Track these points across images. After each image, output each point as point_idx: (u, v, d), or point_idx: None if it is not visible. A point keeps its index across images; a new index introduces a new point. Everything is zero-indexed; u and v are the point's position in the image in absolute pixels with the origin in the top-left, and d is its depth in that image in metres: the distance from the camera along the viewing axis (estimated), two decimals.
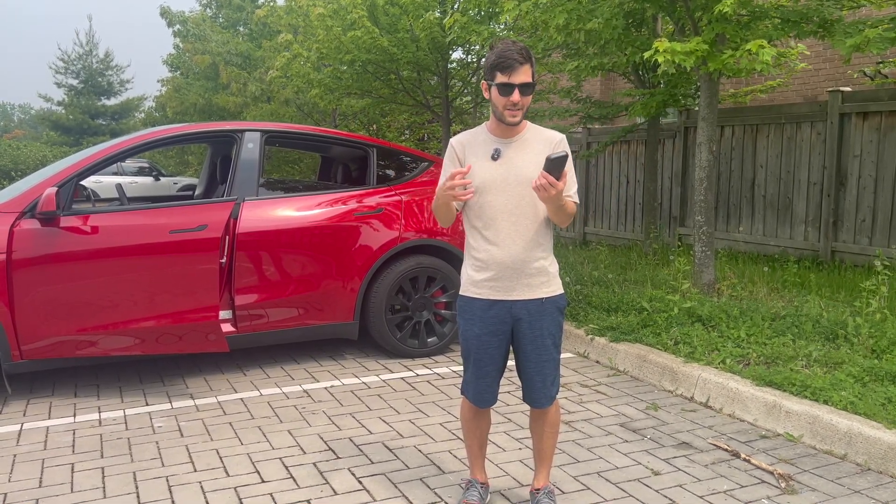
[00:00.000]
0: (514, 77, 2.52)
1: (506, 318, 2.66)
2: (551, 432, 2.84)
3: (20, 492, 3.10)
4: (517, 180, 2.61)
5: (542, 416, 2.82)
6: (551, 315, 2.69)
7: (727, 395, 4.04)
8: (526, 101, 2.57)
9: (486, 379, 2.73)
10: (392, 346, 5.08)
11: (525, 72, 2.53)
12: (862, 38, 4.81)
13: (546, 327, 2.68)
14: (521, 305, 2.65)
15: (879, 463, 3.27)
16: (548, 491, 2.88)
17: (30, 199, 4.18)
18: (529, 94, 2.57)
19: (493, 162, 2.64)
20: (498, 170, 2.63)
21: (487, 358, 2.70)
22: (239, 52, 17.71)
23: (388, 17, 9.41)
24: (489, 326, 2.67)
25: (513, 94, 2.53)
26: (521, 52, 2.52)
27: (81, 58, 32.77)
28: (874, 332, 4.52)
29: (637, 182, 9.97)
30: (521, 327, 2.68)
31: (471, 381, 2.76)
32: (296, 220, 4.79)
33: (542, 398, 2.74)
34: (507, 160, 2.64)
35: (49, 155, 23.89)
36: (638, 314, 5.35)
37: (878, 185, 7.07)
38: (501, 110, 2.58)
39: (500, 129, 2.66)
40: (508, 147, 2.66)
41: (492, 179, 2.62)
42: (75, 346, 4.18)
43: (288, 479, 3.21)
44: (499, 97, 2.56)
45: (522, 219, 2.62)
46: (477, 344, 2.69)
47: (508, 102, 2.54)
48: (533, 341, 2.68)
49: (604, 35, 5.86)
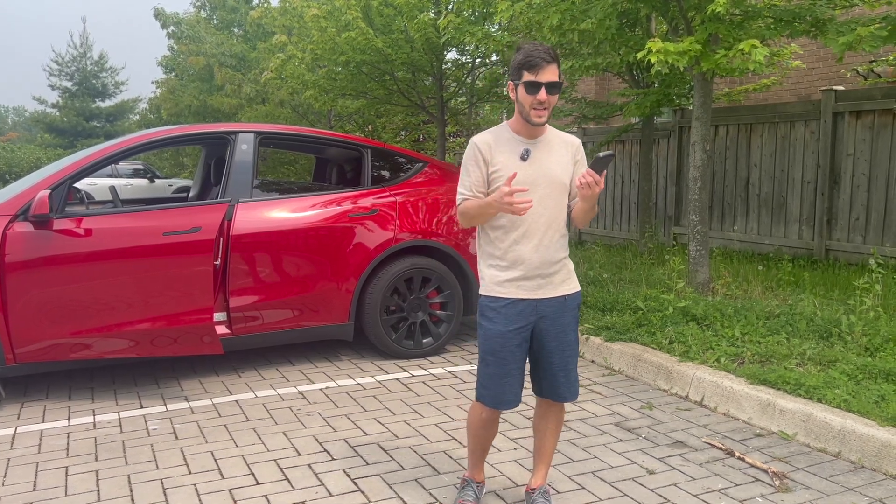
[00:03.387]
0: (541, 76, 2.53)
1: (531, 316, 2.68)
2: (556, 430, 2.88)
3: (14, 496, 3.09)
4: (546, 180, 2.65)
5: (555, 412, 2.85)
6: (572, 311, 2.76)
7: (722, 394, 4.05)
8: (552, 100, 2.58)
9: (509, 378, 2.69)
10: (387, 347, 5.08)
11: (552, 71, 2.54)
12: (854, 37, 4.83)
13: (568, 323, 2.74)
14: (546, 303, 2.69)
15: (873, 460, 3.28)
16: (543, 491, 2.89)
17: (23, 201, 4.17)
18: (556, 93, 2.58)
19: (522, 162, 2.64)
20: (528, 170, 2.64)
21: (511, 357, 2.68)
22: (233, 54, 17.70)
23: (382, 18, 9.41)
24: (514, 324, 2.66)
25: (539, 93, 2.54)
26: (547, 52, 2.54)
27: (75, 60, 32.72)
28: (868, 330, 4.54)
29: (632, 181, 9.99)
30: (545, 324, 2.70)
31: (490, 383, 2.71)
32: (290, 221, 4.79)
33: (567, 392, 2.78)
34: (535, 160, 2.66)
35: (43, 157, 23.85)
36: (633, 313, 5.36)
37: (871, 183, 7.09)
38: (528, 109, 2.58)
39: (526, 130, 2.67)
40: (535, 148, 2.67)
41: (522, 180, 2.61)
42: (69, 349, 4.17)
43: (283, 480, 3.21)
44: (526, 96, 2.56)
45: (550, 219, 2.67)
46: (501, 342, 2.67)
47: (535, 101, 2.55)
48: (557, 337, 2.72)
49: (597, 35, 5.87)
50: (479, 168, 2.66)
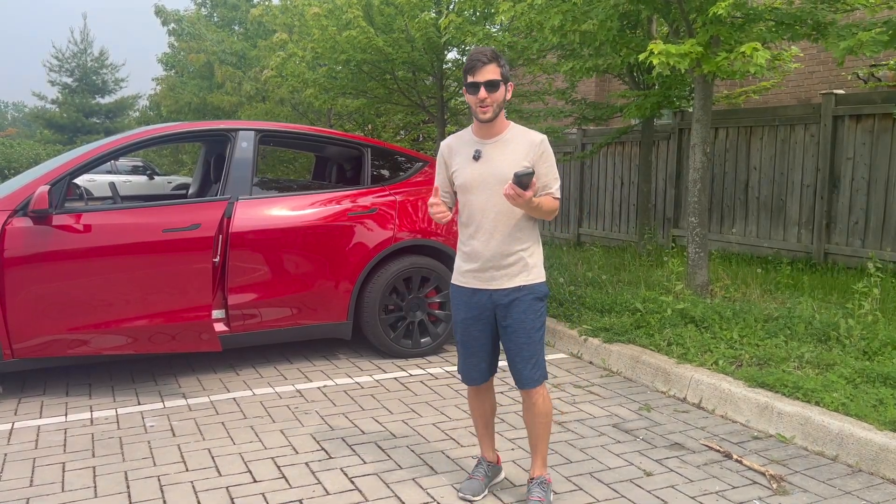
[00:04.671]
0: (479, 76, 2.72)
1: (487, 305, 2.88)
2: (542, 422, 2.94)
3: (11, 491, 3.09)
4: (495, 179, 2.79)
5: (531, 405, 2.93)
6: (528, 302, 2.85)
7: (720, 396, 4.05)
8: (494, 97, 2.75)
9: (472, 359, 2.97)
10: (385, 347, 5.08)
11: (490, 70, 2.72)
12: (855, 41, 4.83)
13: (524, 312, 2.84)
14: (500, 294, 2.85)
15: (870, 464, 3.28)
16: (540, 481, 2.95)
17: (22, 197, 4.16)
18: (495, 90, 2.74)
19: (475, 162, 2.84)
20: (479, 169, 2.83)
21: (471, 340, 2.95)
22: (234, 52, 17.68)
23: (383, 18, 9.40)
24: (472, 312, 2.91)
25: (479, 92, 2.73)
26: (485, 54, 2.74)
27: (76, 56, 32.64)
28: (866, 333, 4.54)
29: (631, 183, 9.99)
30: (500, 313, 2.88)
31: (461, 361, 3.02)
32: (290, 219, 4.78)
33: (522, 379, 2.90)
34: (486, 160, 2.83)
35: (42, 153, 23.81)
36: (631, 315, 5.36)
37: (870, 187, 7.10)
38: (474, 108, 2.78)
39: (480, 130, 2.87)
40: (488, 147, 2.84)
41: (472, 179, 2.83)
42: (67, 345, 4.16)
43: (280, 478, 3.21)
44: (469, 97, 2.78)
45: (500, 215, 2.81)
46: (462, 328, 2.96)
47: (476, 100, 2.75)
48: (510, 325, 2.86)
49: (599, 36, 5.87)
50: (443, 171, 2.96)
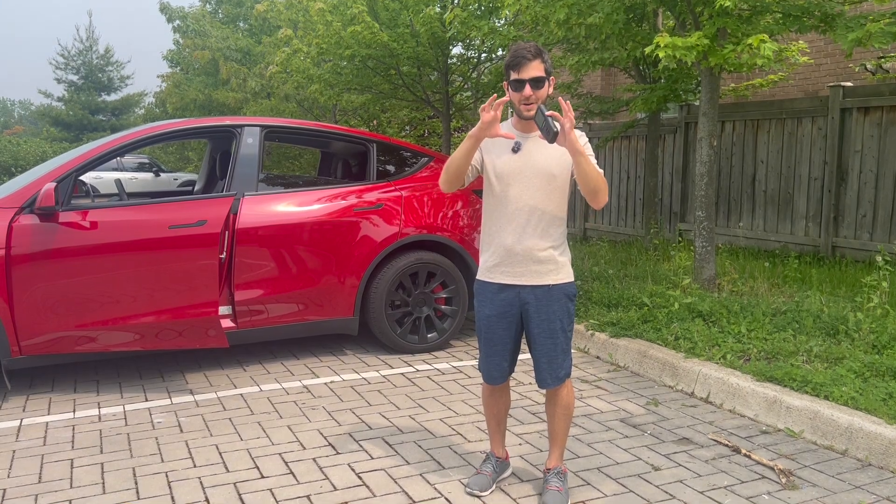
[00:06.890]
0: (524, 73, 2.67)
1: (514, 302, 2.84)
2: (563, 414, 2.95)
3: (19, 487, 3.10)
4: (533, 172, 2.77)
5: (554, 397, 2.94)
6: (559, 301, 2.82)
7: (728, 391, 4.04)
8: (539, 94, 2.70)
9: (495, 357, 2.92)
10: (392, 342, 5.08)
11: (535, 67, 2.68)
12: (864, 33, 4.79)
13: (554, 312, 2.82)
14: (528, 291, 2.81)
15: (880, 458, 3.26)
16: (558, 471, 2.98)
17: (29, 194, 4.17)
18: (541, 87, 2.70)
19: (513, 154, 2.79)
20: (517, 162, 2.79)
21: (496, 338, 2.89)
22: (239, 48, 17.70)
23: (388, 13, 9.39)
24: (498, 308, 2.85)
25: (524, 90, 2.68)
26: (529, 50, 2.68)
27: (81, 53, 32.75)
28: (875, 327, 4.51)
29: (638, 177, 9.96)
30: (528, 311, 2.83)
31: (482, 358, 2.96)
32: (295, 215, 4.78)
33: (547, 379, 2.88)
34: (526, 153, 2.79)
35: (49, 151, 23.89)
36: (638, 310, 5.34)
37: (879, 180, 7.05)
38: (517, 105, 2.74)
39: (520, 124, 2.82)
40: (528, 141, 2.80)
41: (510, 170, 2.79)
42: (74, 341, 4.17)
43: (287, 474, 3.21)
44: (513, 93, 2.72)
45: (536, 209, 2.77)
46: (486, 324, 2.89)
47: (521, 97, 2.70)
48: (539, 325, 2.82)
49: (604, 30, 5.84)
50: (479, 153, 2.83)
